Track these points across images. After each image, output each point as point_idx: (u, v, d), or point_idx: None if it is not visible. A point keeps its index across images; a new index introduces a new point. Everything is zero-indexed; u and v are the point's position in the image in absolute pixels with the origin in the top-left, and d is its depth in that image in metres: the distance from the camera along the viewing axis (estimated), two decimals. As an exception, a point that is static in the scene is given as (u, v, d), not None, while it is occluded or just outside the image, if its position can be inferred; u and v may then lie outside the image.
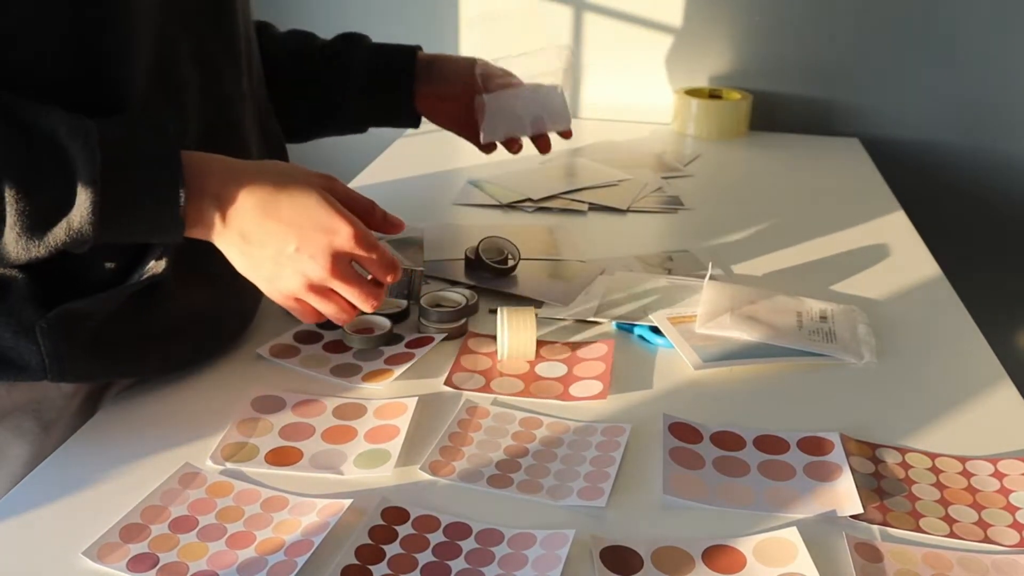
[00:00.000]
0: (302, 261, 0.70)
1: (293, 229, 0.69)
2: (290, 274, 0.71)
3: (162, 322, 0.76)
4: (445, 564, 0.60)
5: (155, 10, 0.70)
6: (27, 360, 0.70)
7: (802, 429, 0.75)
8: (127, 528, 0.62)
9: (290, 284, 0.71)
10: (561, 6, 1.71)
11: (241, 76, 0.81)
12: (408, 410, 0.75)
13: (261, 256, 0.70)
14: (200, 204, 0.68)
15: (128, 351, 0.75)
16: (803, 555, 0.61)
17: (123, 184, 0.64)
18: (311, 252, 0.70)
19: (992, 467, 0.71)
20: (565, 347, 0.87)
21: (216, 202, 0.69)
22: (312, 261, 0.70)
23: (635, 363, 0.85)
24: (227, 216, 0.69)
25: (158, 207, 0.66)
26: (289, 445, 0.72)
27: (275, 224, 0.69)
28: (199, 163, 0.68)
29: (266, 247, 0.70)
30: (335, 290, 0.73)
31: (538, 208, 1.25)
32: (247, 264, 0.72)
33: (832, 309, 0.93)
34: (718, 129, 1.64)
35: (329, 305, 0.74)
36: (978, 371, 0.85)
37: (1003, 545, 0.63)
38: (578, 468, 0.70)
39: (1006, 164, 1.69)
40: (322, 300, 0.73)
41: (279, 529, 0.63)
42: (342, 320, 0.75)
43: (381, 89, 1.06)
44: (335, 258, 0.70)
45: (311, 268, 0.70)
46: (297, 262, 0.70)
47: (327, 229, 0.70)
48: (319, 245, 0.70)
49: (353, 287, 0.73)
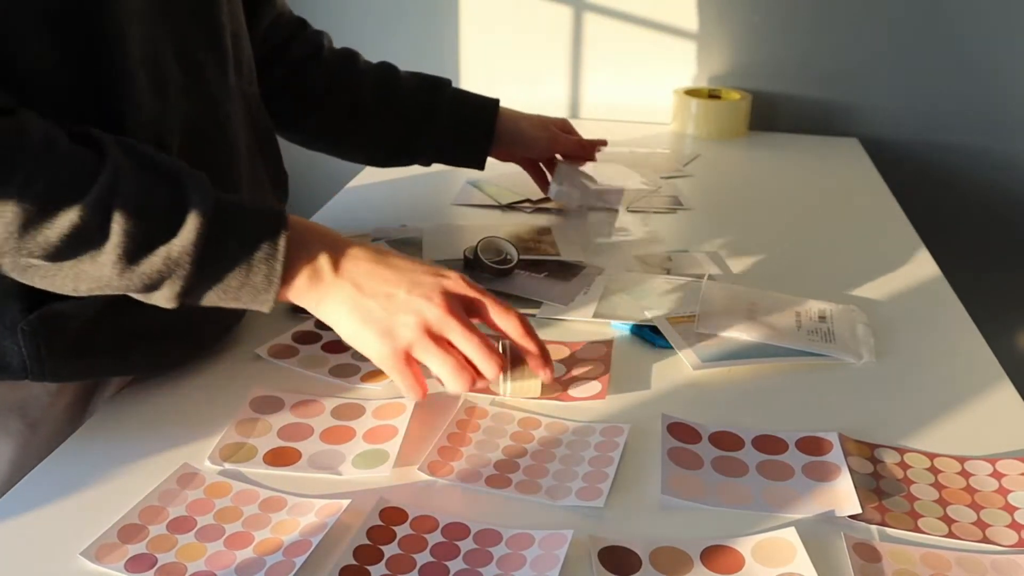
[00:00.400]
0: (416, 303, 0.70)
1: (405, 275, 0.71)
2: (405, 319, 0.70)
3: (144, 323, 0.75)
4: (443, 564, 0.60)
5: (143, 10, 0.70)
6: (8, 360, 0.70)
7: (801, 429, 0.75)
8: (125, 528, 0.62)
9: (406, 332, 0.70)
10: (561, 6, 1.71)
11: (226, 73, 0.81)
12: (406, 410, 0.75)
13: (372, 308, 0.70)
14: (306, 257, 0.70)
15: (111, 351, 0.75)
16: (801, 555, 0.60)
17: (231, 225, 0.66)
18: (424, 292, 0.70)
19: (991, 467, 0.71)
20: (564, 347, 0.87)
21: (327, 255, 0.70)
22: (427, 301, 0.70)
23: (634, 363, 0.85)
24: (340, 266, 0.70)
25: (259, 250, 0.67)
26: (288, 445, 0.72)
27: (388, 271, 0.71)
28: (308, 226, 0.71)
29: (378, 296, 0.70)
30: (454, 341, 0.71)
31: (538, 208, 1.25)
32: (360, 319, 0.70)
33: (831, 309, 0.93)
34: (718, 129, 1.64)
35: (448, 359, 0.70)
36: (977, 371, 0.85)
37: (1002, 545, 0.63)
38: (576, 468, 0.70)
39: (1005, 164, 1.69)
40: (439, 352, 0.70)
41: (277, 529, 0.63)
42: (462, 383, 0.71)
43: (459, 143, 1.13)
44: (449, 297, 0.71)
45: (425, 308, 0.70)
46: (411, 304, 0.70)
47: (437, 272, 0.72)
48: (431, 285, 0.70)
49: (472, 334, 0.71)
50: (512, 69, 1.77)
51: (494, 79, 1.77)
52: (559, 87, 1.76)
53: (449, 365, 0.71)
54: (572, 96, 1.77)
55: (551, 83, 1.75)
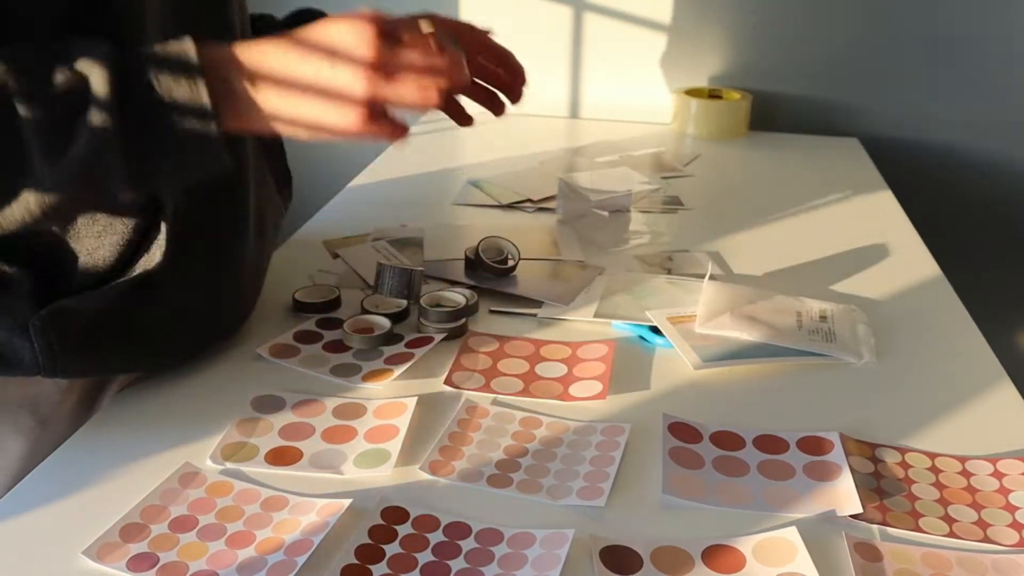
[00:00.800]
0: (347, 58, 0.64)
1: (317, 44, 0.64)
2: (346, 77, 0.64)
3: (154, 319, 0.76)
4: (445, 564, 0.60)
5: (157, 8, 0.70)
6: (20, 356, 0.70)
7: (801, 429, 0.75)
8: (127, 528, 0.62)
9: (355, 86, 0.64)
10: (561, 6, 1.71)
11: None
12: (408, 410, 0.75)
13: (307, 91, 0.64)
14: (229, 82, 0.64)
15: (120, 348, 0.75)
16: (803, 555, 0.61)
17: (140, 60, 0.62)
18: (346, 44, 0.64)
19: (992, 467, 0.71)
20: (565, 347, 0.87)
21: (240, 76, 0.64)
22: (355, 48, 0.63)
23: (634, 363, 0.85)
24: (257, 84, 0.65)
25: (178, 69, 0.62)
26: (289, 445, 0.72)
27: (298, 49, 0.64)
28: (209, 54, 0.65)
29: (304, 80, 0.64)
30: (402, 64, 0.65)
31: (538, 208, 1.25)
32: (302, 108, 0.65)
33: (832, 309, 0.93)
34: (718, 129, 1.64)
35: (405, 85, 0.65)
36: (977, 371, 0.85)
37: (1003, 545, 0.63)
38: (578, 468, 0.70)
39: (1005, 163, 1.69)
40: (393, 85, 0.65)
41: (279, 529, 0.63)
42: (429, 100, 0.66)
43: None
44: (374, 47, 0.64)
45: (357, 51, 0.63)
46: (343, 64, 0.64)
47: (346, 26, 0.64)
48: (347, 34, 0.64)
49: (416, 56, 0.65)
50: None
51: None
52: (559, 87, 1.76)
53: (409, 92, 0.66)
54: (572, 96, 1.77)
55: (551, 83, 1.75)
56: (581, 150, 1.53)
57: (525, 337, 0.89)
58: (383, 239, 1.10)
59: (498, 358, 0.85)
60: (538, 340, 0.88)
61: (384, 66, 0.65)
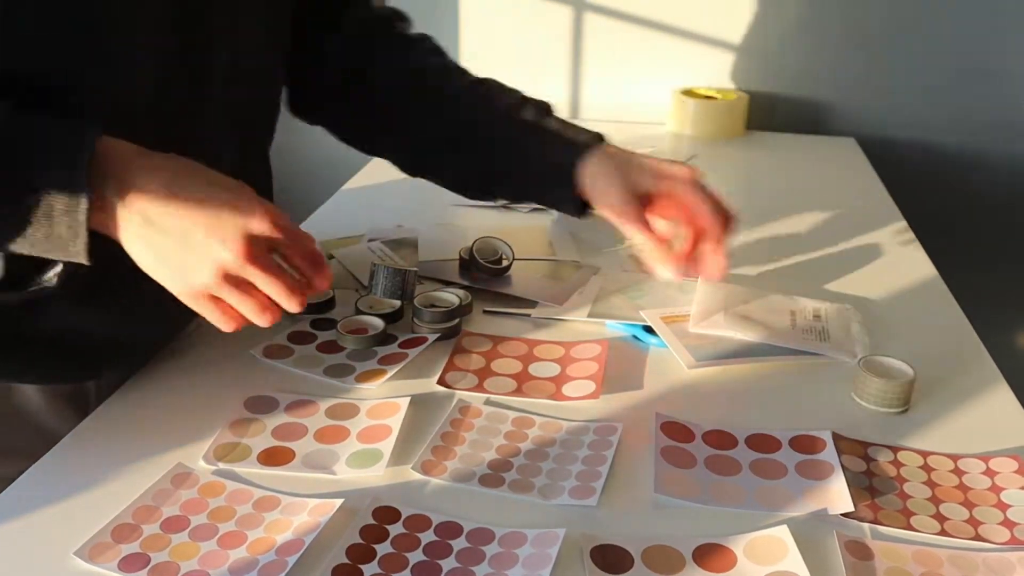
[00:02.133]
0: (212, 247, 0.62)
1: (202, 211, 0.62)
2: (200, 263, 0.62)
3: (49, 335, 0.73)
4: (436, 563, 0.60)
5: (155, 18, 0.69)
6: None
7: (794, 428, 0.75)
8: (119, 528, 0.62)
9: (200, 276, 0.63)
10: (561, 6, 1.71)
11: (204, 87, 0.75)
12: (401, 410, 0.76)
13: (166, 245, 0.62)
14: (102, 189, 0.61)
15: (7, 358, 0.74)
16: (793, 553, 0.61)
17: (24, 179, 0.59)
18: (222, 236, 0.62)
19: (984, 465, 0.71)
20: (559, 347, 0.87)
21: (118, 185, 0.61)
22: (223, 246, 0.62)
23: (628, 362, 0.85)
24: (128, 199, 0.61)
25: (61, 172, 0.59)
26: (282, 445, 0.72)
27: (182, 207, 0.62)
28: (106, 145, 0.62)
29: (171, 233, 0.62)
30: (254, 283, 0.64)
31: (533, 208, 1.25)
32: (153, 257, 0.63)
33: (826, 308, 0.93)
34: (715, 129, 1.64)
35: (247, 301, 0.65)
36: (972, 369, 0.85)
37: (994, 543, 0.63)
38: (570, 467, 0.70)
39: (1001, 163, 1.69)
40: (239, 295, 0.64)
41: (271, 529, 0.63)
42: (265, 321, 0.66)
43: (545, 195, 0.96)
44: (249, 242, 0.62)
45: (222, 254, 0.62)
46: (207, 248, 0.62)
47: (240, 210, 0.62)
48: (231, 227, 0.62)
49: (273, 278, 0.64)
50: (512, 69, 1.76)
51: (492, 79, 1.77)
52: (559, 87, 1.76)
53: (248, 306, 0.65)
54: (572, 96, 1.77)
55: (551, 83, 1.75)
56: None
57: (519, 337, 0.89)
58: (378, 240, 1.11)
59: (492, 358, 0.85)
60: (532, 340, 0.88)
61: (253, 257, 0.63)
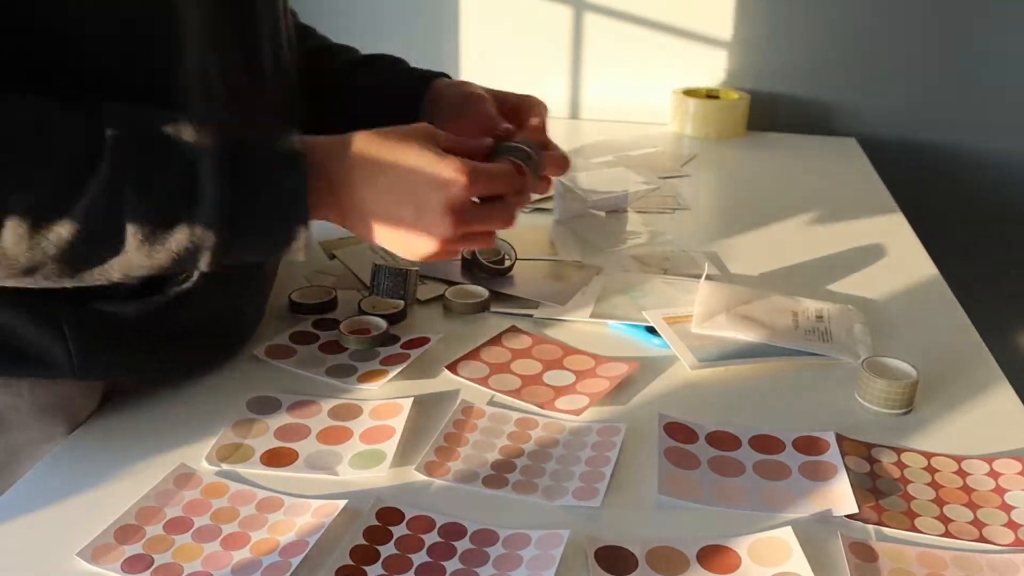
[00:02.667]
0: (427, 225, 0.70)
1: (406, 196, 0.70)
2: (422, 240, 0.71)
3: (186, 326, 0.76)
4: (440, 565, 0.60)
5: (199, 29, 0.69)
6: (53, 356, 0.69)
7: (798, 429, 0.75)
8: (122, 529, 0.62)
9: (427, 248, 0.72)
10: (561, 6, 1.71)
11: (262, 90, 0.79)
12: (404, 410, 0.75)
13: (387, 231, 0.71)
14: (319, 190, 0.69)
15: (153, 352, 0.75)
16: (798, 555, 0.60)
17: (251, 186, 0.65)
18: (431, 216, 0.70)
19: (987, 466, 0.71)
20: (590, 359, 0.85)
21: (329, 187, 0.69)
22: (436, 223, 0.70)
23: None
24: (342, 200, 0.70)
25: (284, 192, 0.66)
26: (285, 446, 0.72)
27: (388, 196, 0.70)
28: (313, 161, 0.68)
29: (387, 221, 0.70)
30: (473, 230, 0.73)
31: (535, 209, 1.25)
32: (379, 238, 0.72)
33: (828, 309, 0.93)
34: (716, 129, 1.64)
35: (474, 243, 0.77)
36: (974, 370, 0.85)
37: (998, 544, 0.63)
38: (573, 468, 0.70)
39: (1002, 164, 1.69)
40: (465, 244, 0.74)
41: (274, 530, 0.63)
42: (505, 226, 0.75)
43: None
44: (457, 212, 0.70)
45: (438, 229, 0.70)
46: (423, 226, 0.70)
47: (438, 185, 0.69)
48: (437, 206, 0.69)
49: (486, 223, 0.73)
50: (512, 69, 1.77)
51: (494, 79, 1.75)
52: (559, 87, 1.76)
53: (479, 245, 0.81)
54: (572, 96, 1.77)
55: (551, 83, 1.75)
56: (580, 151, 1.52)
57: (559, 343, 0.88)
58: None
59: (518, 357, 0.85)
60: (569, 348, 0.87)
61: (465, 221, 0.71)
